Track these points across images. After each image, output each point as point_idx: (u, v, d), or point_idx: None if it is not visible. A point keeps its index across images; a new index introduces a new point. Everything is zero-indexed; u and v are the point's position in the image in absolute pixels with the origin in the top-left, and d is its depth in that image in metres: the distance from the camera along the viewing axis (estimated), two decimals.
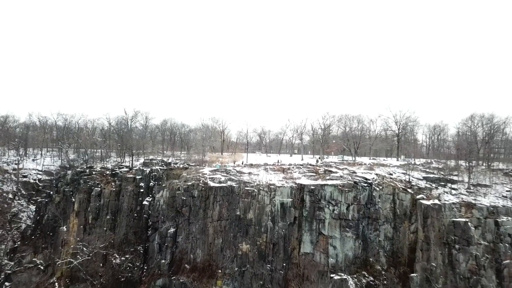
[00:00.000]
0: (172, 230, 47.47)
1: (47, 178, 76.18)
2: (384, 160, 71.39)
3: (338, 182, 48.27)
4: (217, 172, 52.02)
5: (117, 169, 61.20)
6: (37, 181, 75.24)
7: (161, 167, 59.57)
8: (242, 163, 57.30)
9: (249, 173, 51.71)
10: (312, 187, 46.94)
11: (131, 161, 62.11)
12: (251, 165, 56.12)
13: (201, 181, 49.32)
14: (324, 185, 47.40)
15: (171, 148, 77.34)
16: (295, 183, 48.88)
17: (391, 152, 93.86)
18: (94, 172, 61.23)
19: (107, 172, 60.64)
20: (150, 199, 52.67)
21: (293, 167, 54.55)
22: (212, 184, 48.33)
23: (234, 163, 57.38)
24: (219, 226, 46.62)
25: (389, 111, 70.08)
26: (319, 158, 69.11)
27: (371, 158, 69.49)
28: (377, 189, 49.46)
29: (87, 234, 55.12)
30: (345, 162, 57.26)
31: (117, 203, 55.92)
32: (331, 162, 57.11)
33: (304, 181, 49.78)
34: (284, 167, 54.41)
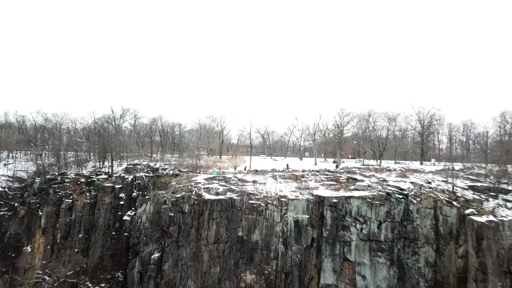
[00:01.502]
0: (156, 255, 38.09)
1: (18, 185, 66.81)
2: (410, 163, 62.15)
3: (366, 193, 39.05)
4: (214, 181, 42.71)
5: (94, 176, 51.88)
6: (6, 189, 65.85)
7: (146, 174, 50.26)
8: (245, 169, 48.11)
9: (254, 182, 42.43)
10: (335, 200, 37.74)
11: (111, 167, 52.79)
12: (256, 172, 46.84)
13: (193, 193, 39.99)
14: (350, 197, 38.19)
15: (161, 151, 68.11)
16: (312, 195, 39.66)
17: (405, 154, 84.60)
18: (66, 180, 51.96)
19: (82, 180, 51.33)
20: (133, 213, 43.27)
21: (307, 174, 45.27)
22: (207, 196, 39.01)
23: (235, 169, 48.27)
24: (216, 250, 37.24)
25: (411, 108, 61.14)
26: (336, 162, 59.94)
27: (395, 162, 60.39)
28: (415, 201, 40.25)
29: (54, 257, 45.74)
30: (370, 167, 48.03)
31: (91, 219, 46.65)
32: (354, 167, 47.94)
33: (324, 192, 40.56)
34: (297, 174, 45.14)
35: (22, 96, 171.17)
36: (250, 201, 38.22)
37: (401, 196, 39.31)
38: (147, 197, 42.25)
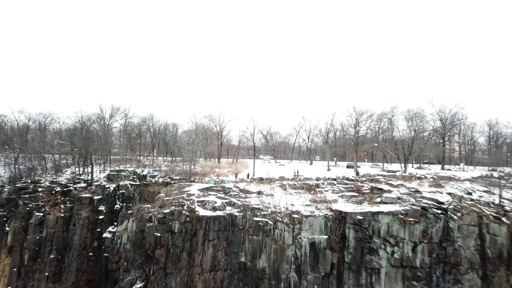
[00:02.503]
0: (139, 285, 31.20)
1: None
2: (430, 166, 55.18)
3: (397, 207, 32.29)
4: (210, 192, 35.88)
5: (71, 185, 45.00)
6: None
7: (132, 182, 43.40)
8: (248, 177, 41.24)
9: (259, 193, 35.56)
10: (359, 217, 30.99)
11: (91, 173, 45.92)
12: (261, 180, 39.92)
13: (185, 207, 33.14)
14: (377, 213, 31.38)
15: (152, 155, 61.09)
16: (331, 210, 32.84)
17: (419, 157, 77.29)
18: (39, 189, 45.04)
19: (58, 189, 44.44)
20: (114, 229, 36.37)
21: (323, 183, 38.35)
22: (202, 212, 32.17)
23: (235, 176, 41.36)
24: (212, 280, 30.40)
25: (431, 106, 54.39)
26: (352, 167, 52.91)
27: (419, 166, 53.49)
28: (455, 217, 33.48)
29: (21, 282, 38.84)
30: (397, 174, 41.02)
31: (65, 236, 39.86)
32: (378, 175, 41.02)
33: (345, 206, 33.73)
34: (310, 182, 38.22)
35: (6, 94, 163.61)
36: (255, 218, 31.36)
37: (439, 211, 32.52)
38: (129, 211, 35.29)
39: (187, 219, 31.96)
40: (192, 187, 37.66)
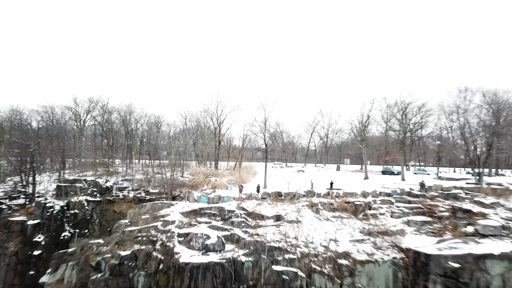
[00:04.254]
0: None
1: None
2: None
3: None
4: (200, 218, 23.31)
5: (7, 201, 32.38)
6: None
7: (90, 198, 30.79)
8: (259, 190, 28.50)
9: (278, 219, 22.98)
10: (453, 264, 18.34)
11: (32, 184, 33.29)
12: (279, 196, 27.14)
13: (158, 245, 20.53)
14: (482, 256, 18.71)
15: (127, 158, 48.03)
16: (399, 249, 20.22)
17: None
18: None
19: None
20: (47, 279, 23.46)
21: (374, 201, 25.62)
22: (185, 255, 19.55)
23: (240, 190, 28.60)
24: None
25: (481, 95, 41.83)
26: (399, 173, 40.09)
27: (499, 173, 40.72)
28: None
29: None
30: (471, 186, 28.05)
31: None
32: (453, 187, 28.15)
33: (419, 241, 21.05)
34: (353, 200, 25.46)
35: None
36: (274, 268, 18.71)
37: None
38: (70, 250, 22.50)
39: (160, 267, 19.28)
40: (173, 208, 24.95)
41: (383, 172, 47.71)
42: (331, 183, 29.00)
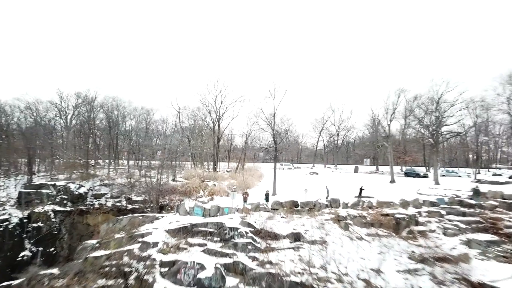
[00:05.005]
0: None
1: None
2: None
3: None
4: (192, 238, 17.53)
5: None
6: None
7: (58, 208, 25.14)
8: (268, 199, 22.77)
9: (296, 240, 17.26)
10: None
11: None
12: (295, 207, 21.44)
13: (132, 278, 14.75)
14: None
15: (111, 158, 42.12)
16: (468, 283, 14.34)
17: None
18: None
19: None
20: None
21: (418, 214, 19.89)
22: None
23: (244, 198, 22.86)
24: None
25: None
26: (425, 175, 34.19)
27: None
28: None
29: None
30: None
31: None
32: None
33: (492, 270, 15.22)
34: (392, 212, 19.75)
35: None
36: None
37: None
38: (15, 283, 16.90)
39: None
40: (157, 223, 19.27)
41: (406, 174, 41.97)
42: (361, 189, 23.34)
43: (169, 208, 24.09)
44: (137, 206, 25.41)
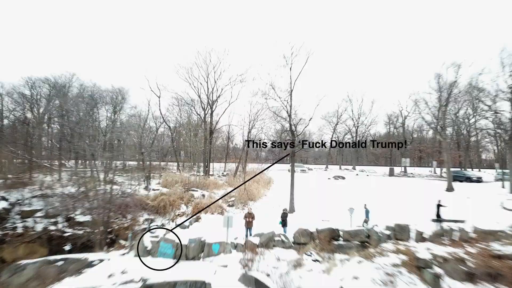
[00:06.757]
0: None
1: None
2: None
3: None
4: None
5: None
6: None
7: None
8: (284, 222, 14.28)
9: None
10: None
11: None
12: (333, 240, 12.91)
13: None
14: None
15: (59, 158, 32.16)
16: None
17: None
18: None
19: None
20: None
21: None
22: None
23: (248, 223, 14.65)
24: None
25: None
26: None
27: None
28: None
29: None
30: None
31: None
32: None
33: None
34: (507, 251, 11.28)
35: None
36: None
37: None
38: None
39: None
40: (85, 277, 10.74)
41: (454, 178, 33.46)
42: (438, 205, 14.85)
43: (127, 236, 15.71)
44: (81, 232, 16.97)
